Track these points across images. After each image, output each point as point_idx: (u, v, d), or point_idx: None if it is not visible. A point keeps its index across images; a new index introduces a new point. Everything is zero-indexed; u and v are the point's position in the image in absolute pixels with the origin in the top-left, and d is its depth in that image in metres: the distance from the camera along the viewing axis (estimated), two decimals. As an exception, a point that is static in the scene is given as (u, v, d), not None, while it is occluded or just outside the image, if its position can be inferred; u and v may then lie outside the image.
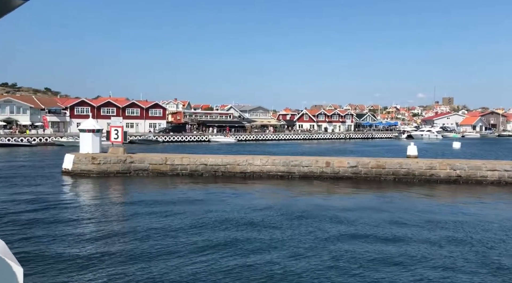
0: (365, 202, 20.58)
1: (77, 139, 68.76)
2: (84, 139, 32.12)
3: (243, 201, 20.76)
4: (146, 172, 30.94)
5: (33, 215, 17.74)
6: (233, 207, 19.33)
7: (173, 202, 20.72)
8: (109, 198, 22.54)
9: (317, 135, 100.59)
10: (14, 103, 79.28)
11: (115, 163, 30.73)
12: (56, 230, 15.36)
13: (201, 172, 30.45)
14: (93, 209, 19.35)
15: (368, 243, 13.74)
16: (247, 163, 29.91)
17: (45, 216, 17.57)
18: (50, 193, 23.43)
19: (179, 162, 30.84)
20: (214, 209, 19.02)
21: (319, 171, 28.71)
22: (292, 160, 29.32)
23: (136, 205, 20.05)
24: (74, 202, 21.43)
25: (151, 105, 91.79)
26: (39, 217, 17.34)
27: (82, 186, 26.99)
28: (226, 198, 22.10)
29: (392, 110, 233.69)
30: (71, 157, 30.82)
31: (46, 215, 17.86)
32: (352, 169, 28.13)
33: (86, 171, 30.23)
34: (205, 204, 20.24)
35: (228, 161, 30.25)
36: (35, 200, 21.24)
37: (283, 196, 22.55)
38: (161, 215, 17.72)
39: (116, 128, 32.33)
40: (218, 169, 30.26)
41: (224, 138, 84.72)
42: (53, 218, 17.24)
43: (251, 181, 28.39)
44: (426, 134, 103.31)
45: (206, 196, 22.53)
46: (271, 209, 18.77)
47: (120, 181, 28.81)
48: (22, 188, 24.81)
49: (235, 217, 17.35)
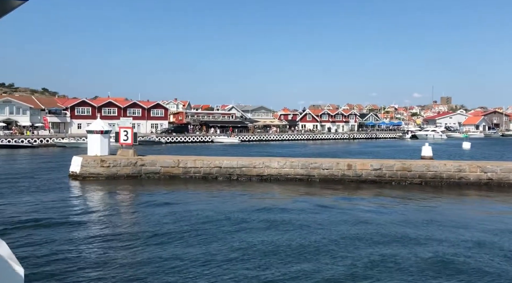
0: (410, 213, 18.38)
1: (79, 140, 67.39)
2: (92, 141, 30.69)
3: (262, 211, 19.24)
4: (158, 175, 29.56)
5: (42, 223, 16.42)
6: (250, 213, 18.01)
7: (187, 208, 19.44)
8: (121, 204, 21.23)
9: (321, 135, 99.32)
10: (14, 103, 77.65)
11: (125, 166, 29.35)
12: (66, 238, 14.21)
13: (215, 175, 29.09)
14: (106, 216, 18.06)
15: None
16: (264, 165, 28.56)
17: (55, 224, 16.29)
18: (59, 199, 22.03)
19: (192, 165, 29.48)
20: (229, 216, 17.72)
21: (340, 174, 27.39)
22: (312, 162, 27.99)
23: (148, 211, 18.79)
24: (85, 208, 20.12)
25: (152, 105, 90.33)
26: (48, 225, 16.06)
27: (92, 190, 25.60)
28: (241, 202, 20.83)
29: (391, 110, 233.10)
30: (79, 160, 29.41)
31: (55, 223, 16.58)
32: (376, 172, 26.82)
33: (95, 175, 28.83)
34: (219, 210, 18.95)
35: (243, 163, 28.90)
36: (43, 207, 19.91)
37: (305, 203, 21.19)
38: (174, 222, 16.52)
39: (125, 129, 30.91)
40: (233, 172, 28.91)
41: (227, 139, 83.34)
42: (63, 227, 15.99)
43: (268, 185, 27.07)
44: (431, 134, 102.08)
45: (220, 201, 21.22)
46: (294, 222, 17.35)
47: (130, 185, 27.44)
48: (29, 193, 23.38)
49: (253, 226, 15.94)
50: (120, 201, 21.97)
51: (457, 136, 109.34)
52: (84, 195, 23.81)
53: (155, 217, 17.40)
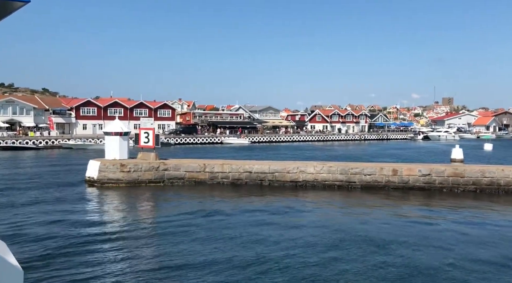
0: (479, 230, 16.50)
1: (86, 141, 64.96)
2: (110, 143, 28.34)
3: (297, 224, 16.79)
4: (182, 180, 27.25)
5: (60, 238, 14.23)
6: (284, 228, 15.72)
7: (217, 223, 17.18)
8: (144, 218, 18.85)
9: (332, 137, 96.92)
10: (17, 103, 75.18)
11: (147, 170, 27.01)
12: (87, 255, 12.58)
13: (244, 181, 26.77)
14: (129, 232, 15.83)
15: None
16: (299, 170, 26.24)
17: (74, 240, 14.15)
18: (78, 210, 19.72)
19: (219, 169, 27.15)
20: (261, 229, 15.69)
21: (384, 180, 25.07)
22: (352, 167, 25.67)
23: (174, 223, 16.81)
24: (108, 223, 17.84)
25: (159, 105, 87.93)
26: (66, 240, 13.90)
27: (112, 199, 23.25)
28: (275, 213, 18.63)
29: (393, 110, 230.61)
30: (97, 164, 27.06)
31: (74, 238, 14.43)
32: (425, 178, 24.50)
33: (114, 180, 26.48)
34: (250, 223, 16.75)
35: (276, 168, 26.58)
36: (61, 219, 17.65)
37: (349, 215, 18.86)
38: (200, 236, 14.70)
39: (146, 130, 28.57)
40: (264, 177, 26.59)
41: (237, 140, 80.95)
42: (84, 242, 13.88)
43: (303, 192, 24.75)
44: (444, 135, 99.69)
45: (251, 212, 18.97)
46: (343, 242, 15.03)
47: (153, 193, 25.11)
48: (43, 204, 20.94)
49: (286, 245, 13.61)
50: (144, 213, 19.62)
51: (469, 137, 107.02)
52: (105, 206, 21.40)
53: (182, 236, 14.93)
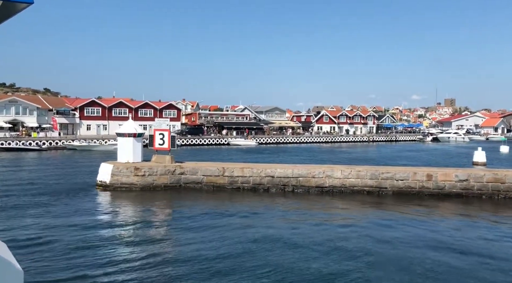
0: None
1: (91, 142, 63.31)
2: (123, 145, 26.73)
3: (326, 237, 15.18)
4: (200, 185, 25.65)
5: (74, 248, 12.80)
6: (313, 243, 14.11)
7: (238, 231, 15.78)
8: (162, 224, 17.52)
9: (340, 138, 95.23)
10: (20, 103, 73.52)
11: (162, 174, 25.44)
12: (99, 265, 11.53)
13: (266, 186, 25.15)
14: (146, 239, 14.47)
15: None
16: (325, 175, 24.62)
17: (89, 253, 12.66)
18: (92, 217, 18.20)
19: (239, 174, 25.54)
20: (293, 241, 14.24)
21: (418, 186, 23.44)
22: (383, 172, 24.04)
23: (192, 234, 15.32)
24: (123, 228, 16.47)
25: (165, 105, 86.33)
26: (80, 252, 12.39)
27: (126, 205, 21.67)
28: (305, 222, 17.11)
29: (396, 111, 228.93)
30: (109, 167, 25.46)
31: (90, 251, 12.96)
32: (462, 184, 22.88)
33: (128, 185, 24.90)
34: (277, 236, 15.12)
35: (300, 172, 24.96)
36: (76, 227, 16.17)
37: (387, 223, 17.23)
38: (222, 251, 13.19)
39: (161, 131, 26.98)
40: (288, 182, 24.97)
41: (244, 141, 79.31)
42: (97, 251, 12.48)
43: (331, 198, 23.13)
44: (453, 136, 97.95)
45: (277, 221, 17.40)
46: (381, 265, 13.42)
47: (169, 198, 23.53)
48: (54, 211, 19.30)
49: (334, 258, 12.12)
50: (161, 223, 18.02)
51: (478, 138, 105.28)
52: (120, 213, 19.74)
53: (201, 248, 13.38)
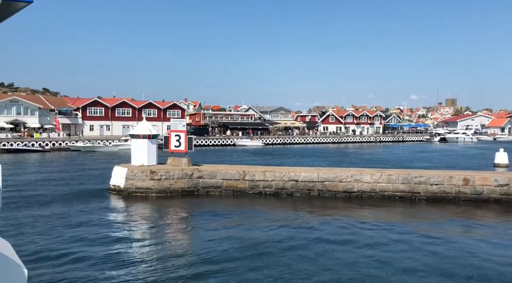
0: None
1: (95, 143, 61.78)
2: (137, 147, 25.26)
3: (355, 249, 13.71)
4: (219, 190, 24.18)
5: (89, 258, 11.31)
6: (339, 258, 12.67)
7: (261, 241, 14.37)
8: (182, 233, 16.15)
9: (347, 138, 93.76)
10: (21, 103, 72.04)
11: (179, 178, 23.95)
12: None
13: (290, 191, 23.69)
14: (168, 251, 12.98)
15: None
16: (353, 179, 23.15)
17: (104, 262, 11.35)
18: (107, 225, 16.81)
19: (261, 177, 24.07)
20: (326, 252, 13.04)
21: (454, 191, 21.98)
22: (416, 176, 22.58)
23: (214, 245, 13.86)
24: (142, 237, 15.05)
25: (168, 105, 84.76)
26: (95, 261, 10.83)
27: (143, 210, 20.26)
28: (337, 230, 15.78)
29: (396, 111, 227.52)
30: (123, 171, 23.97)
31: (104, 259, 11.70)
32: (502, 189, 21.42)
33: (144, 190, 23.41)
34: (307, 246, 13.71)
35: (326, 176, 23.49)
36: (90, 236, 14.83)
37: (425, 233, 15.76)
38: (245, 265, 11.83)
39: (177, 133, 25.50)
40: (313, 187, 23.50)
41: (250, 142, 77.84)
42: (112, 263, 11.05)
43: (360, 204, 21.67)
44: (462, 137, 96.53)
45: (305, 230, 16.04)
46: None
47: (188, 204, 22.07)
48: (67, 218, 17.79)
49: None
50: (181, 232, 16.57)
51: (485, 139, 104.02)
52: (136, 221, 18.25)
53: (222, 260, 11.97)
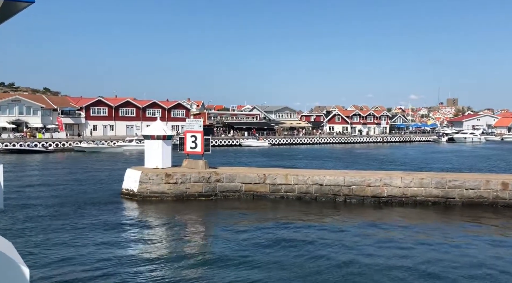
0: None
1: (99, 144, 60.35)
2: (151, 149, 23.87)
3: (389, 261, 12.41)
4: (238, 194, 22.82)
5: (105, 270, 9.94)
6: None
7: (284, 250, 13.35)
8: (200, 242, 14.67)
9: (353, 138, 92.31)
10: (23, 102, 70.49)
11: (196, 182, 22.57)
12: None
13: (314, 195, 22.30)
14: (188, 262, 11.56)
15: None
16: (383, 183, 21.75)
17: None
18: (122, 233, 15.50)
19: (282, 181, 22.68)
20: (363, 265, 11.81)
21: (491, 196, 20.59)
22: (450, 179, 21.18)
23: (234, 257, 12.61)
24: (159, 247, 13.73)
25: (173, 105, 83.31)
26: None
27: (159, 216, 18.91)
28: (371, 240, 14.49)
29: (398, 111, 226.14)
30: (137, 174, 22.58)
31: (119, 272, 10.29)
32: (544, 194, 20.09)
33: (159, 194, 22.03)
34: (335, 258, 12.59)
35: (353, 180, 22.09)
36: (105, 245, 13.71)
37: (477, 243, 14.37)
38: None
39: (193, 133, 24.12)
40: (339, 191, 22.10)
41: (256, 142, 76.45)
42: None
43: (390, 210, 20.32)
44: (470, 137, 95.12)
45: (333, 239, 14.80)
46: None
47: (205, 209, 20.73)
48: (78, 226, 16.43)
49: None
50: (199, 240, 15.26)
51: (493, 139, 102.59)
52: (154, 229, 16.93)
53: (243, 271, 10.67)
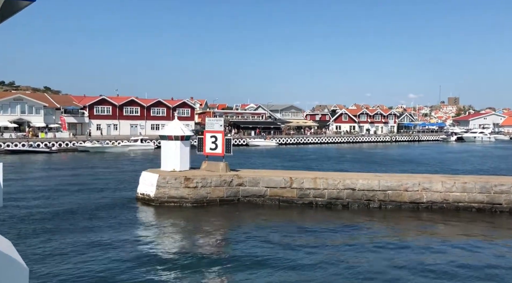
0: None
1: (104, 143, 58.57)
2: (168, 150, 22.13)
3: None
4: (262, 199, 21.12)
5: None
6: None
7: (316, 264, 11.86)
8: (230, 256, 12.94)
9: (361, 138, 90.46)
10: (25, 101, 68.61)
11: (217, 186, 20.86)
12: None
13: (346, 201, 20.58)
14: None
15: None
16: (422, 187, 20.03)
17: None
18: (139, 244, 13.76)
19: (311, 185, 20.94)
20: None
21: (543, 202, 18.93)
22: (496, 184, 19.46)
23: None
24: (180, 259, 12.12)
25: (178, 104, 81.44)
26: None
27: (180, 224, 17.28)
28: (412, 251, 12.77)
29: (400, 110, 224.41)
30: (154, 177, 20.86)
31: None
32: None
33: (178, 199, 20.32)
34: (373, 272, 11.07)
35: (389, 184, 20.36)
36: (122, 257, 12.07)
37: None
38: None
39: (213, 133, 22.38)
40: (373, 196, 20.38)
41: (264, 142, 74.69)
42: None
43: (429, 217, 18.63)
44: (479, 136, 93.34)
45: (370, 251, 13.25)
46: None
47: (228, 216, 19.08)
48: (92, 234, 14.73)
49: None
50: (227, 253, 13.51)
51: (502, 138, 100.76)
52: (173, 238, 15.28)
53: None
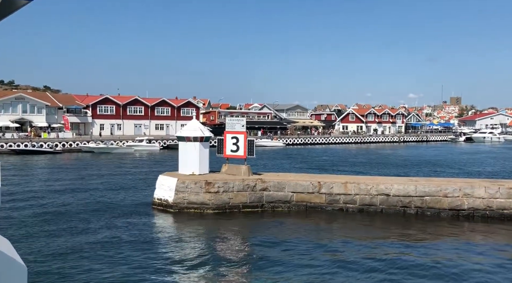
0: None
1: (108, 144, 56.97)
2: (187, 152, 20.58)
3: None
4: (288, 204, 19.59)
5: None
6: None
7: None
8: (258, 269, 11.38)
9: (369, 138, 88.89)
10: (27, 100, 67.08)
11: (240, 191, 19.31)
12: None
13: (379, 207, 19.03)
14: None
15: None
16: (463, 193, 18.47)
17: None
18: (159, 256, 12.25)
19: (341, 190, 19.40)
20: None
21: None
22: (545, 190, 17.95)
23: None
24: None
25: (183, 103, 79.86)
26: None
27: (201, 233, 15.76)
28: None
29: (402, 110, 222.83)
30: (172, 182, 19.31)
31: None
32: None
33: (198, 205, 18.78)
34: None
35: (426, 190, 18.80)
36: (139, 270, 10.23)
37: None
38: None
39: (235, 134, 20.85)
40: (409, 203, 18.83)
41: (271, 142, 73.15)
42: None
43: (471, 227, 17.14)
44: (489, 136, 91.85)
45: (407, 266, 11.90)
46: None
47: (252, 223, 17.57)
48: (107, 244, 13.16)
49: None
50: (251, 265, 11.95)
51: (511, 138, 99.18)
52: (195, 249, 13.73)
53: None
